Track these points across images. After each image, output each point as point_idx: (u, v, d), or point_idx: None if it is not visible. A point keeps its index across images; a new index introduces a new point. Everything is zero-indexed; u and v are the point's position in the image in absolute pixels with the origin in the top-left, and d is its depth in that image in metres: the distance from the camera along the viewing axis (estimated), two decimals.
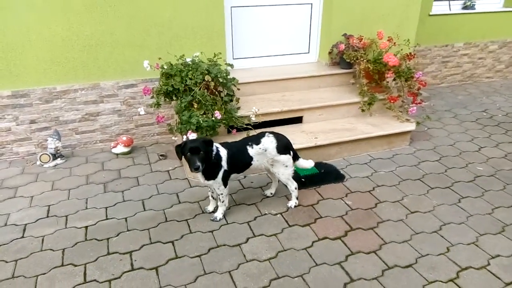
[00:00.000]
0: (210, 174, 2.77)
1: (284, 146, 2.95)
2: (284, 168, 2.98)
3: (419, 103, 4.10)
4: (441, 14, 5.69)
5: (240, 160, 2.90)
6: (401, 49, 4.16)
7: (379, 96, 4.13)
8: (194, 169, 2.58)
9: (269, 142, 2.90)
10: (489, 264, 2.57)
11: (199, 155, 2.58)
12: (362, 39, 4.28)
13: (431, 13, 5.58)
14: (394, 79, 4.11)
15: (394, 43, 4.14)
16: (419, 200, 3.25)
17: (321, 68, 4.62)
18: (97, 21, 3.63)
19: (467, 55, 6.13)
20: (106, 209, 3.11)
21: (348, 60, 4.27)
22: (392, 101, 4.05)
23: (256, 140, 2.92)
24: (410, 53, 4.01)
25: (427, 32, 5.61)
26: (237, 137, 3.49)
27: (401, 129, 4.01)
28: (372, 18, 4.52)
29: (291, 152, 3.00)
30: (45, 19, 3.51)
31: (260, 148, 2.90)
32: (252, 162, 2.93)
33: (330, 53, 4.54)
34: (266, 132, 2.98)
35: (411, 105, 4.07)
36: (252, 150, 2.89)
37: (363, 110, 4.12)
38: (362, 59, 4.11)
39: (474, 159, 3.92)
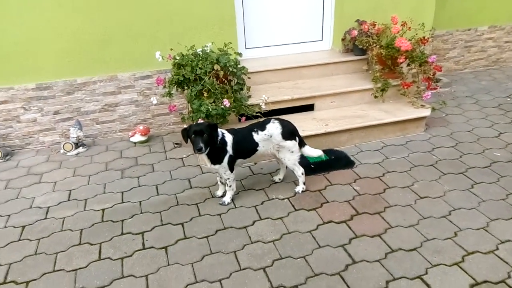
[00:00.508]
0: (216, 159, 2.87)
1: (289, 132, 2.99)
2: (290, 154, 3.03)
3: (435, 88, 4.01)
4: None
5: (245, 146, 2.97)
6: (416, 34, 4.07)
7: (392, 82, 4.08)
8: (197, 150, 2.70)
9: (274, 128, 2.96)
10: (497, 249, 2.53)
11: (202, 137, 2.69)
12: (375, 24, 4.22)
13: None
14: (408, 65, 4.04)
15: (409, 27, 4.06)
16: (429, 186, 3.21)
17: (335, 55, 4.60)
18: (114, 15, 3.79)
19: (492, 39, 5.88)
20: (123, 194, 3.28)
21: (361, 47, 4.23)
22: (405, 87, 3.99)
23: (261, 126, 2.98)
24: (424, 37, 3.92)
25: (448, 15, 5.41)
26: (246, 124, 3.58)
27: (415, 115, 3.95)
28: (387, 3, 4.43)
29: (297, 138, 3.04)
30: (65, 14, 3.70)
31: (265, 134, 2.96)
32: (258, 148, 2.99)
33: (343, 39, 4.51)
34: (271, 118, 3.04)
35: (425, 91, 3.99)
36: (257, 136, 2.96)
37: (376, 97, 4.08)
38: (374, 45, 4.06)
39: (492, 145, 3.80)
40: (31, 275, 2.48)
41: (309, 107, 4.11)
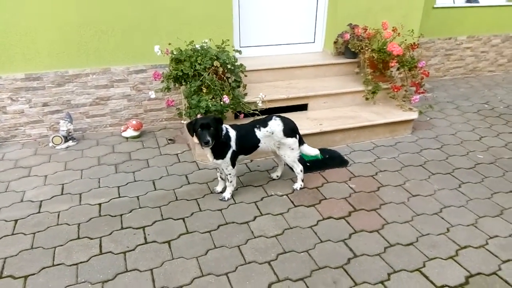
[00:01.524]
0: (219, 153, 2.88)
1: (290, 129, 3.05)
2: (290, 151, 3.09)
3: (422, 92, 4.20)
4: (445, 7, 5.77)
5: (248, 142, 3.00)
6: (405, 40, 4.24)
7: (382, 85, 4.22)
8: (204, 143, 2.70)
9: (276, 125, 3.01)
10: (487, 243, 2.68)
11: (209, 131, 2.69)
12: (367, 29, 4.37)
13: (435, 6, 5.65)
14: (398, 69, 4.21)
15: (399, 33, 4.22)
16: (420, 185, 3.36)
17: (326, 57, 4.71)
18: (109, 6, 3.72)
19: (470, 49, 6.21)
20: (118, 188, 3.22)
21: (353, 50, 4.36)
22: (395, 90, 4.15)
23: (264, 123, 3.02)
24: (414, 43, 4.10)
25: (431, 24, 5.68)
26: (244, 121, 3.60)
27: (404, 118, 4.11)
28: (377, 9, 4.60)
29: (297, 136, 3.10)
30: (59, 4, 3.59)
31: (267, 131, 3.00)
32: (260, 144, 3.03)
33: (335, 42, 4.63)
34: (273, 115, 3.08)
35: (414, 95, 4.16)
36: (259, 133, 2.99)
37: (367, 99, 4.22)
38: (366, 48, 4.20)
39: (475, 147, 4.02)
40: (29, 269, 2.39)
41: (303, 107, 4.19)
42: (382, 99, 4.36)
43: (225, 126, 2.90)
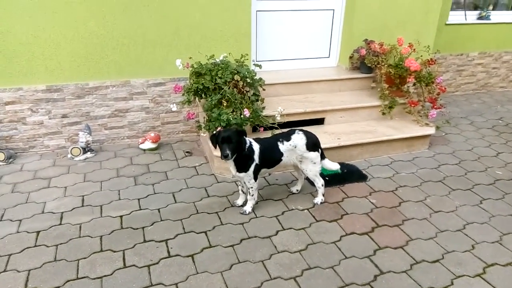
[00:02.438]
0: (242, 166, 2.88)
1: (313, 143, 3.05)
2: (312, 165, 3.08)
3: (439, 108, 4.21)
4: (457, 23, 5.82)
5: (271, 156, 3.00)
6: (421, 55, 4.27)
7: (399, 100, 4.24)
8: (224, 156, 2.71)
9: (299, 139, 3.01)
10: None
11: (229, 145, 2.71)
12: (383, 44, 4.41)
13: (447, 22, 5.71)
14: (414, 84, 4.22)
15: (414, 49, 4.26)
16: (441, 201, 3.33)
17: (341, 72, 4.75)
18: (131, 21, 3.77)
19: (481, 65, 6.24)
20: (139, 200, 3.21)
21: (369, 65, 4.39)
22: (412, 105, 4.16)
23: (287, 137, 3.03)
24: (431, 58, 4.12)
25: (443, 40, 5.72)
26: (264, 135, 3.62)
27: (421, 133, 4.11)
28: (392, 25, 4.65)
29: (319, 150, 3.10)
30: (81, 17, 3.65)
31: (290, 145, 3.00)
32: (282, 158, 3.03)
33: (351, 57, 4.66)
34: (295, 129, 3.09)
35: (431, 110, 4.17)
36: (282, 147, 3.00)
37: (384, 113, 4.23)
38: (383, 63, 4.23)
39: (492, 163, 4.00)
40: (53, 282, 2.37)
41: (320, 121, 4.20)
42: (398, 114, 4.37)
43: (249, 139, 2.91)
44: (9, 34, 3.53)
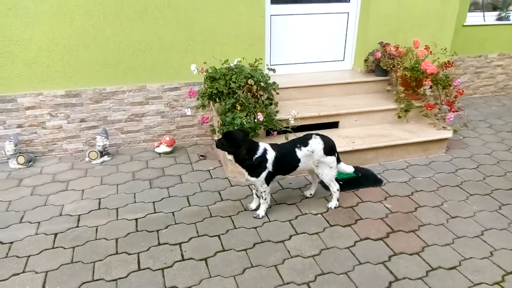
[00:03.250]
0: (253, 172, 2.89)
1: (330, 148, 3.03)
2: (328, 169, 3.06)
3: (457, 111, 4.12)
4: (475, 25, 5.70)
5: (288, 162, 2.99)
6: (438, 58, 4.20)
7: (415, 103, 4.18)
8: (216, 145, 2.96)
9: (316, 144, 2.99)
10: None
11: (223, 144, 2.88)
12: (398, 47, 4.36)
13: (465, 24, 5.60)
14: (431, 87, 4.16)
15: (431, 51, 4.20)
16: (459, 206, 3.27)
17: (356, 75, 4.71)
18: (147, 27, 3.84)
19: (500, 66, 6.09)
20: (154, 204, 3.26)
21: (385, 68, 4.34)
22: (429, 108, 4.09)
23: (304, 142, 3.00)
24: (448, 61, 4.05)
25: (461, 42, 5.61)
26: (277, 138, 3.62)
27: (438, 136, 4.04)
28: (408, 27, 4.60)
29: (336, 154, 3.08)
30: (99, 24, 3.74)
31: (308, 150, 2.98)
32: (299, 164, 3.01)
33: (365, 60, 4.63)
34: (312, 134, 3.07)
35: (448, 113, 4.09)
36: (300, 152, 2.97)
37: (399, 117, 4.17)
38: (399, 66, 4.18)
39: None
40: (70, 284, 2.42)
41: (333, 124, 4.18)
42: (414, 117, 4.31)
43: (264, 146, 2.90)
44: (30, 41, 3.64)
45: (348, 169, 3.19)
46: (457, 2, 4.64)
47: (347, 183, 3.54)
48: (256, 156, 2.86)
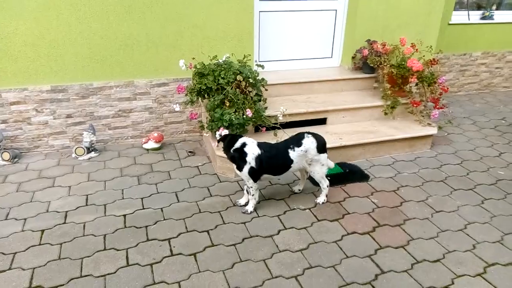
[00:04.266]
0: (235, 165, 2.97)
1: (322, 145, 3.06)
2: (320, 167, 3.09)
3: (441, 108, 4.21)
4: (460, 23, 5.81)
5: (278, 163, 3.00)
6: (423, 56, 4.28)
7: (401, 100, 4.24)
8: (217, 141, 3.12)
9: (310, 143, 3.00)
10: None
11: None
12: (385, 45, 4.41)
13: (450, 22, 5.70)
14: (416, 84, 4.23)
15: (417, 49, 4.27)
16: (443, 201, 3.34)
17: (344, 72, 4.76)
18: (135, 22, 3.81)
19: (484, 65, 6.23)
20: (142, 200, 3.25)
21: (372, 65, 4.40)
22: (414, 105, 4.16)
23: (297, 142, 3.00)
24: (434, 59, 4.13)
25: (446, 41, 5.72)
26: (265, 135, 3.65)
27: (424, 133, 4.11)
28: (395, 25, 4.66)
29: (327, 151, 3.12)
30: (86, 19, 3.69)
31: (301, 150, 2.98)
32: (292, 165, 3.02)
33: (353, 58, 4.68)
34: (304, 133, 3.06)
35: (433, 110, 4.17)
36: (293, 153, 2.98)
37: (386, 114, 4.24)
38: (385, 64, 4.24)
39: (495, 163, 4.00)
40: (58, 280, 2.41)
41: (321, 121, 4.22)
42: (400, 114, 4.38)
43: (245, 141, 2.93)
44: (14, 35, 3.57)
45: (330, 164, 3.23)
46: (442, 1, 4.72)
47: (335, 178, 3.58)
48: (234, 148, 2.91)
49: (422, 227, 2.99)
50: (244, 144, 2.93)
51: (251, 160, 2.91)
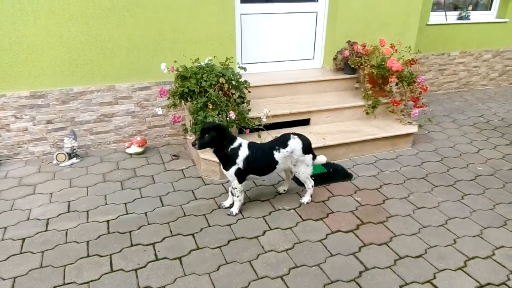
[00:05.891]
0: (223, 164, 2.95)
1: (308, 146, 3.09)
2: (305, 167, 3.12)
3: (421, 106, 4.30)
4: (438, 24, 5.96)
5: (263, 165, 3.00)
6: (403, 56, 4.37)
7: (382, 100, 4.32)
8: (192, 144, 2.92)
9: (295, 144, 3.02)
10: (494, 254, 2.72)
11: (204, 137, 2.84)
12: (365, 46, 4.49)
13: (428, 23, 5.83)
14: (397, 84, 4.32)
15: (396, 50, 4.35)
16: (424, 197, 3.41)
17: (326, 73, 4.81)
18: (115, 25, 3.77)
19: (462, 64, 6.39)
20: (126, 205, 3.21)
21: (353, 66, 4.46)
22: (395, 104, 4.24)
23: (283, 143, 3.01)
24: (413, 59, 4.22)
25: (425, 41, 5.85)
26: (249, 136, 3.66)
27: (405, 131, 4.19)
28: (375, 27, 4.74)
29: (312, 151, 3.15)
30: (64, 23, 3.64)
31: (287, 151, 3.00)
32: (276, 166, 3.03)
33: (334, 59, 4.74)
34: (289, 134, 3.08)
35: (413, 109, 4.26)
36: (278, 155, 2.99)
37: (367, 113, 4.30)
38: (366, 64, 4.31)
39: (474, 160, 4.10)
40: None
41: (305, 122, 4.26)
42: (382, 113, 4.46)
43: (241, 142, 2.92)
44: None
45: (322, 159, 3.27)
46: (420, 2, 4.82)
47: (318, 178, 3.61)
48: (232, 147, 2.89)
49: (405, 223, 3.05)
50: (240, 145, 2.92)
51: (239, 162, 2.92)
